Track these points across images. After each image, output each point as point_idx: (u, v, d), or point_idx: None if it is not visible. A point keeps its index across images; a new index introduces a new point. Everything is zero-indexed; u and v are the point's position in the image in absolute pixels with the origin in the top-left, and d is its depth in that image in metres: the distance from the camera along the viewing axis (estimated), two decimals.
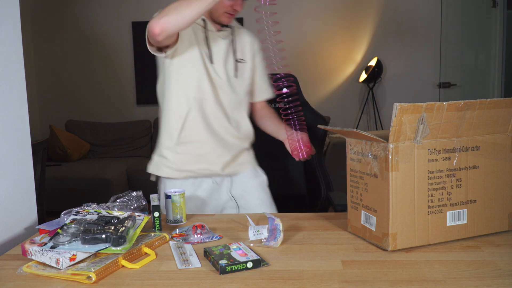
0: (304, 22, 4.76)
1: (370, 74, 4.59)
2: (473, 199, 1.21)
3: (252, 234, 1.27)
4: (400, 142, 1.12)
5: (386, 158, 1.13)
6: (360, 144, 1.23)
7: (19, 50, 1.49)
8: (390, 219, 1.13)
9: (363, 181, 1.23)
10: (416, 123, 1.11)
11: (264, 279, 1.02)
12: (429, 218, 1.16)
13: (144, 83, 4.91)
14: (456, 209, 1.19)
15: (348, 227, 1.31)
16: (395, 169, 1.12)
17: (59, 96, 4.98)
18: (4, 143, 1.41)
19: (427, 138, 1.15)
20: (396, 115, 1.09)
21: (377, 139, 1.15)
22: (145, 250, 1.18)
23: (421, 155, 1.15)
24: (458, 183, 1.19)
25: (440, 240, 1.18)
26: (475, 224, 1.21)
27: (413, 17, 4.75)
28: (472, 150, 1.20)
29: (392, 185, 1.12)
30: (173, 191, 1.47)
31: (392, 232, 1.13)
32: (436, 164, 1.16)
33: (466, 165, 1.20)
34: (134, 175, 4.25)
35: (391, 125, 1.10)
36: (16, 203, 1.45)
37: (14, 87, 1.46)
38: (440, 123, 1.14)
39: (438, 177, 1.16)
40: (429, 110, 1.12)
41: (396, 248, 1.14)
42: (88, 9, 4.86)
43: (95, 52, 4.90)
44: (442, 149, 1.17)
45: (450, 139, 1.18)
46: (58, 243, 1.10)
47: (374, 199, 1.19)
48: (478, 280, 0.99)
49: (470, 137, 1.20)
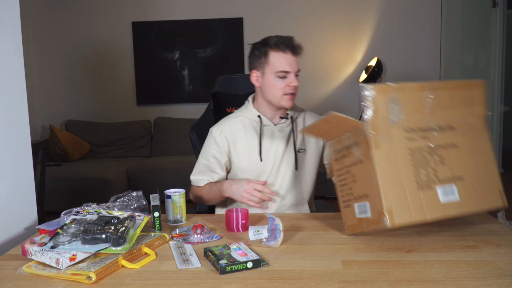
0: (304, 22, 4.76)
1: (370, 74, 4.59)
2: (460, 176, 1.22)
3: (252, 234, 1.27)
4: (377, 121, 1.18)
5: (366, 139, 1.17)
6: (340, 141, 1.29)
7: (19, 50, 1.49)
8: (381, 194, 1.14)
9: (350, 174, 1.25)
10: (388, 102, 1.18)
11: (264, 279, 1.02)
12: (421, 195, 1.17)
13: (144, 83, 4.91)
14: (445, 184, 1.20)
15: (346, 231, 1.30)
16: (377, 147, 1.16)
17: (59, 96, 4.98)
18: (4, 143, 1.41)
19: (402, 118, 1.20)
20: (369, 94, 1.17)
21: (354, 120, 1.20)
22: (145, 250, 1.18)
23: (399, 134, 1.19)
24: (441, 161, 1.21)
25: (437, 216, 1.17)
26: (468, 201, 1.21)
27: (413, 17, 4.74)
28: (447, 129, 1.25)
29: (377, 161, 1.15)
30: (173, 191, 1.47)
31: (387, 208, 1.13)
32: (415, 142, 1.20)
33: (444, 143, 1.23)
34: (134, 175, 4.25)
35: (364, 104, 1.17)
36: (16, 203, 1.45)
37: (14, 87, 1.46)
38: (410, 103, 1.21)
39: (419, 154, 1.20)
40: (394, 90, 1.20)
41: (394, 224, 1.13)
42: (88, 9, 4.86)
43: (95, 52, 4.89)
44: (419, 128, 1.22)
45: (423, 119, 1.23)
46: (58, 243, 1.10)
47: (364, 185, 1.20)
48: (478, 280, 0.99)
49: (443, 118, 1.25)
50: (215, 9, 4.76)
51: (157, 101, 4.94)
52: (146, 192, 1.44)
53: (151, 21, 4.81)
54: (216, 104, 1.94)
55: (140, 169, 4.27)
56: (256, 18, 4.74)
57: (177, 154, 4.60)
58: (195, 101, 4.88)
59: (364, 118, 1.18)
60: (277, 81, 1.56)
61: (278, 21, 4.74)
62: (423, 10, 4.73)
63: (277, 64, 1.55)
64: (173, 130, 4.70)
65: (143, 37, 4.84)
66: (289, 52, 1.54)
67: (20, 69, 1.49)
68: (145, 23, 4.82)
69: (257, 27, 4.74)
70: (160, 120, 4.81)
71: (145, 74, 4.90)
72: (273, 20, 4.74)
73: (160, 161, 4.45)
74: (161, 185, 1.64)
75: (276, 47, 1.55)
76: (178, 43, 4.82)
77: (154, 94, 4.93)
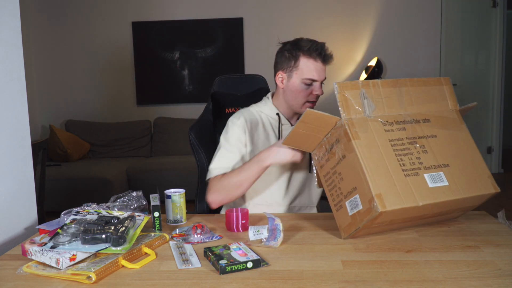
0: (304, 22, 4.76)
1: (370, 74, 4.59)
2: (445, 163, 1.22)
3: (252, 234, 1.27)
4: (352, 115, 1.20)
5: (345, 132, 1.19)
6: (321, 146, 1.30)
7: (19, 50, 1.49)
8: (369, 181, 1.14)
9: (337, 174, 1.25)
10: (359, 98, 1.21)
11: (264, 279, 1.02)
12: (408, 180, 1.16)
13: (144, 83, 4.91)
14: (432, 171, 1.20)
15: (342, 234, 1.26)
16: (356, 137, 1.18)
17: (59, 96, 4.98)
18: (4, 143, 1.41)
19: (376, 112, 1.22)
20: (339, 91, 1.20)
21: (330, 116, 1.22)
22: (145, 250, 1.18)
23: (376, 126, 1.21)
24: (423, 150, 1.22)
25: (428, 200, 1.16)
26: (458, 186, 1.21)
27: (413, 17, 4.74)
28: (423, 122, 1.26)
29: (359, 151, 1.16)
30: (173, 191, 1.47)
31: (376, 193, 1.13)
32: (393, 133, 1.21)
33: (423, 134, 1.24)
34: (134, 175, 4.25)
35: (337, 102, 1.20)
36: (16, 203, 1.45)
37: (14, 87, 1.46)
38: (381, 98, 1.24)
39: (400, 144, 1.20)
40: (366, 86, 1.23)
41: (385, 208, 1.11)
42: (88, 9, 4.86)
43: (95, 52, 4.89)
44: (395, 121, 1.23)
45: (397, 113, 1.25)
46: (58, 243, 1.10)
47: (351, 179, 1.20)
48: (478, 280, 0.99)
49: (416, 112, 1.27)
50: (215, 9, 4.76)
51: (157, 101, 4.94)
52: (146, 192, 1.44)
53: (151, 21, 4.81)
54: (215, 105, 1.94)
55: (140, 169, 4.27)
56: (256, 18, 4.74)
57: (177, 154, 4.60)
58: (195, 101, 4.88)
59: (341, 115, 1.21)
60: (302, 87, 1.53)
61: (278, 21, 4.74)
62: (423, 10, 4.73)
63: (306, 71, 1.52)
64: (173, 130, 4.70)
65: (143, 37, 4.84)
66: (319, 60, 1.51)
67: (20, 69, 1.49)
68: (145, 23, 4.82)
69: (257, 27, 4.74)
70: (160, 120, 4.81)
71: (145, 74, 4.90)
72: (273, 20, 4.74)
73: (160, 161, 4.45)
74: (161, 185, 1.63)
75: (308, 53, 1.51)
76: (178, 43, 4.82)
77: (154, 94, 4.93)
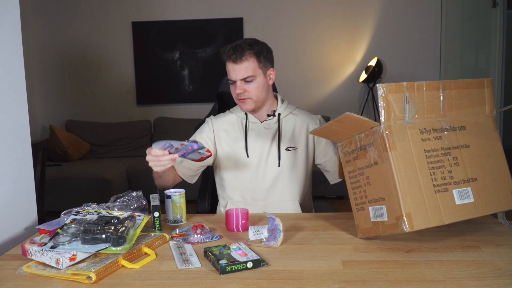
0: (304, 22, 4.76)
1: (370, 74, 4.59)
2: (474, 178, 1.21)
3: (252, 234, 1.27)
4: (391, 122, 1.15)
5: (382, 139, 1.14)
6: (351, 142, 1.26)
7: (19, 50, 1.49)
8: (400, 198, 1.11)
9: (364, 176, 1.22)
10: (402, 102, 1.16)
11: (264, 279, 1.02)
12: (437, 197, 1.14)
13: (144, 83, 4.91)
14: (461, 187, 1.18)
15: (358, 233, 1.27)
16: (393, 148, 1.14)
17: (59, 96, 4.98)
18: (4, 143, 1.41)
19: (415, 118, 1.18)
20: (383, 94, 1.14)
21: (369, 121, 1.17)
22: (145, 250, 1.18)
23: (414, 134, 1.17)
24: (456, 162, 1.20)
25: (453, 219, 1.15)
26: (482, 202, 1.19)
27: (413, 17, 4.74)
28: (459, 129, 1.23)
29: (394, 163, 1.12)
30: (173, 191, 1.47)
31: (406, 212, 1.10)
32: (430, 143, 1.18)
33: (457, 144, 1.22)
34: (134, 175, 4.25)
35: (379, 105, 1.14)
36: (16, 203, 1.45)
37: (14, 87, 1.46)
38: (423, 102, 1.19)
39: (435, 156, 1.17)
40: (410, 89, 1.17)
41: (413, 228, 1.10)
42: (88, 9, 4.86)
43: (95, 51, 4.89)
44: (432, 129, 1.20)
45: (436, 119, 1.21)
46: (58, 243, 1.10)
47: (379, 188, 1.17)
48: (478, 280, 0.99)
49: (454, 117, 1.23)
50: (215, 9, 4.76)
51: (157, 101, 4.94)
52: (146, 192, 1.44)
53: (151, 21, 4.81)
54: (221, 104, 1.95)
55: (140, 169, 4.27)
56: (256, 18, 4.74)
57: None
58: (195, 101, 4.88)
59: (380, 119, 1.15)
60: (231, 87, 1.66)
61: (278, 21, 4.74)
62: (423, 10, 4.73)
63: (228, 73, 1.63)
64: (173, 130, 4.70)
65: (143, 37, 4.84)
66: (230, 61, 1.60)
67: (20, 69, 1.49)
68: (145, 23, 4.82)
69: (257, 27, 4.74)
70: (160, 120, 4.81)
71: (145, 74, 4.90)
72: (273, 20, 4.74)
73: None
74: None
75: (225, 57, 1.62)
76: (178, 43, 4.82)
77: (154, 94, 4.93)
